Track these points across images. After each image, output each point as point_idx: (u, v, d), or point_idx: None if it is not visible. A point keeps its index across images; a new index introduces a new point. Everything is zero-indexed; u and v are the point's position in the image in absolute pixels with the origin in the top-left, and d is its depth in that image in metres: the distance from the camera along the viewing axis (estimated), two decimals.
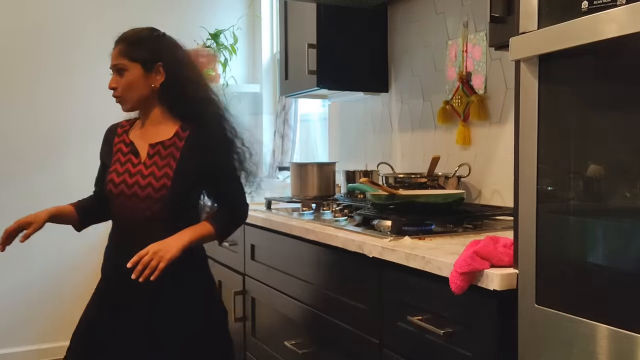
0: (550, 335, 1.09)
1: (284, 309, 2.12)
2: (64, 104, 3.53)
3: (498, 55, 2.10)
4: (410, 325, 1.44)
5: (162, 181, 1.76)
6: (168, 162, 1.78)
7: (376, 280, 1.57)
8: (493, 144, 2.16)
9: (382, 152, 2.78)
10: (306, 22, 2.66)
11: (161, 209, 1.76)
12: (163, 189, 1.75)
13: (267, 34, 4.05)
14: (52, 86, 3.50)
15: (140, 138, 1.84)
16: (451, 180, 2.19)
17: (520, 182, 1.15)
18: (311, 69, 2.57)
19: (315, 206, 2.28)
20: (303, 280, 1.97)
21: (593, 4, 1.00)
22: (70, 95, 3.54)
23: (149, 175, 1.77)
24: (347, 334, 1.71)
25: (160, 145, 1.80)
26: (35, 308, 3.45)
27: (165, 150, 1.79)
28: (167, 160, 1.78)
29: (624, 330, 0.96)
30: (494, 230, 1.72)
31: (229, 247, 2.60)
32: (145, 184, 1.76)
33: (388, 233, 1.63)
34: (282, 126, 3.64)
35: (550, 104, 1.09)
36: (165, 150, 1.79)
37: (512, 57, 1.13)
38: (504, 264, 1.21)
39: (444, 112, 2.34)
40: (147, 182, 1.76)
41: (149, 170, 1.78)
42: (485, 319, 1.24)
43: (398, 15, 2.65)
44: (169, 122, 1.83)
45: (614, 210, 1.01)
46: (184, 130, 1.81)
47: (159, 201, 1.76)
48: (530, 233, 1.13)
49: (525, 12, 1.13)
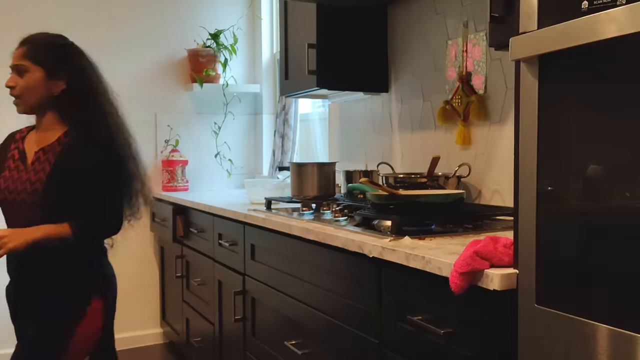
0: (550, 335, 1.09)
1: (284, 309, 2.12)
2: None
3: (498, 55, 2.10)
4: (410, 325, 1.44)
5: (35, 186, 1.79)
6: (44, 167, 1.81)
7: (376, 280, 1.57)
8: (493, 144, 2.16)
9: (382, 152, 2.78)
10: (306, 22, 2.66)
11: (36, 216, 1.78)
12: (34, 194, 1.79)
13: (267, 34, 4.05)
14: None
15: (33, 144, 1.87)
16: (451, 180, 2.19)
17: (520, 182, 1.15)
18: (311, 69, 2.57)
19: (315, 206, 2.27)
20: (303, 280, 1.97)
21: (593, 4, 1.00)
22: None
23: (26, 180, 1.81)
24: (347, 334, 1.71)
25: (41, 150, 1.84)
26: None
27: (44, 155, 1.83)
28: (44, 165, 1.82)
29: (624, 330, 0.96)
30: (494, 230, 1.72)
31: (228, 247, 2.60)
32: (22, 189, 1.80)
33: (388, 233, 1.63)
34: (282, 126, 3.64)
35: (550, 104, 1.09)
36: (44, 155, 1.83)
37: (512, 57, 1.13)
38: (504, 264, 1.21)
39: (444, 112, 2.34)
40: (23, 188, 1.80)
41: (28, 176, 1.81)
42: (485, 319, 1.24)
43: (398, 15, 2.65)
44: (58, 128, 1.86)
45: (614, 210, 1.01)
46: (65, 136, 1.85)
47: (32, 206, 1.79)
48: (530, 233, 1.13)
49: (525, 12, 1.13)
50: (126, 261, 3.48)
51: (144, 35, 3.79)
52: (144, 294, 3.89)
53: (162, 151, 3.84)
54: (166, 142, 3.86)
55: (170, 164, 3.77)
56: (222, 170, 4.02)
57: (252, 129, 4.13)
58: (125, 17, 3.74)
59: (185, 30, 3.89)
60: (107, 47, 3.66)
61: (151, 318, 3.91)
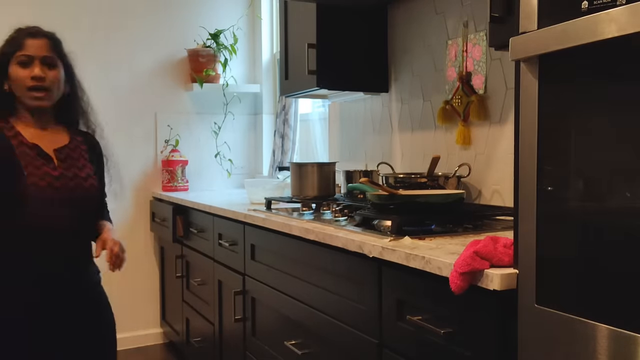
0: (550, 335, 1.09)
1: (284, 309, 2.12)
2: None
3: (498, 55, 2.10)
4: (410, 325, 1.44)
5: (89, 181, 1.79)
6: (84, 164, 1.82)
7: (376, 280, 1.57)
8: (493, 144, 2.16)
9: (382, 152, 2.78)
10: (306, 22, 2.66)
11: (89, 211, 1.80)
12: (92, 188, 1.80)
13: (267, 34, 4.05)
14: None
15: (40, 140, 1.76)
16: (451, 180, 2.19)
17: (520, 182, 1.15)
18: (311, 69, 2.57)
19: (315, 206, 2.27)
20: (303, 280, 1.97)
21: (593, 4, 1.00)
22: None
23: (73, 177, 1.76)
24: (347, 334, 1.71)
25: (66, 148, 1.80)
26: None
27: (74, 153, 1.81)
28: (82, 162, 1.82)
29: (624, 330, 0.96)
30: (494, 230, 1.72)
31: (228, 247, 2.60)
32: (73, 186, 1.75)
33: (388, 233, 1.63)
34: (282, 126, 3.64)
35: (550, 104, 1.09)
36: (73, 152, 1.81)
37: (512, 57, 1.13)
38: (504, 264, 1.21)
39: (444, 112, 2.34)
40: (74, 184, 1.76)
41: (72, 172, 1.77)
42: (485, 319, 1.24)
43: (398, 15, 2.65)
44: (58, 128, 1.84)
45: (614, 210, 1.01)
46: (77, 136, 1.86)
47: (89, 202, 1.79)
48: (530, 233, 1.13)
49: (525, 12, 1.13)
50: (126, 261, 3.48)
51: (144, 35, 3.79)
52: (144, 294, 3.89)
53: (162, 151, 3.84)
54: (166, 142, 3.86)
55: (170, 164, 3.77)
56: (222, 170, 4.02)
57: (252, 129, 4.13)
58: (126, 17, 3.74)
59: (186, 30, 3.89)
60: (107, 47, 3.66)
61: (151, 318, 3.91)
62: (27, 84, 1.70)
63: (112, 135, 2.03)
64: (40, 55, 1.72)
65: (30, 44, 1.72)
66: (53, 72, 1.74)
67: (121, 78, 3.73)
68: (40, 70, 1.71)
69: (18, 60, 1.71)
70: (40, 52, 1.72)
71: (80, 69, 1.89)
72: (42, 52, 1.72)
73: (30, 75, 1.70)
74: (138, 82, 3.79)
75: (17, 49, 1.72)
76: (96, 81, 3.23)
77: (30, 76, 1.70)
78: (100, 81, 3.57)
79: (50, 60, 1.74)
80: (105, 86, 3.62)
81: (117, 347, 1.95)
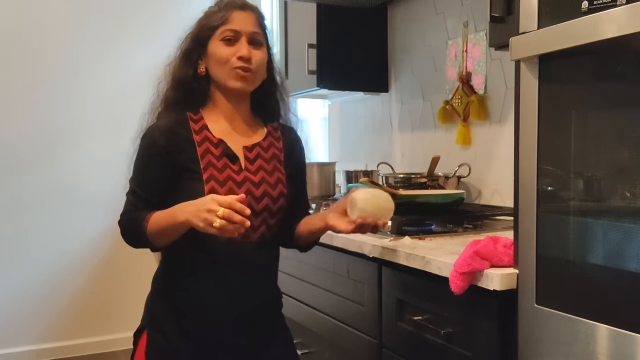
0: (550, 335, 1.09)
1: (284, 309, 2.12)
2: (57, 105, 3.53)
3: (498, 55, 2.10)
4: (410, 325, 1.44)
5: (278, 189, 1.46)
6: (275, 166, 1.48)
7: (376, 280, 1.57)
8: (493, 144, 2.16)
9: (382, 152, 2.78)
10: (306, 22, 2.66)
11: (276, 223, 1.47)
12: (280, 197, 1.46)
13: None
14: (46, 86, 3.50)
15: (228, 136, 1.46)
16: (451, 180, 2.19)
17: (520, 182, 1.15)
18: (311, 69, 2.57)
19: (315, 206, 2.27)
20: (303, 280, 1.97)
21: (593, 4, 1.00)
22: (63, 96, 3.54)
23: (261, 182, 1.44)
24: (347, 334, 1.71)
25: (258, 147, 1.48)
26: (35, 308, 3.45)
27: (266, 153, 1.48)
28: (274, 163, 1.49)
29: (624, 330, 0.96)
30: (494, 230, 1.72)
31: None
32: (262, 194, 1.43)
33: (388, 233, 1.63)
34: None
35: (550, 104, 1.09)
36: (265, 152, 1.48)
37: (512, 57, 1.13)
38: (504, 264, 1.21)
39: (444, 112, 2.34)
40: (263, 191, 1.43)
41: (259, 177, 1.44)
42: (485, 319, 1.24)
43: (398, 15, 2.65)
44: (253, 121, 1.52)
45: (614, 210, 1.01)
46: (275, 130, 1.54)
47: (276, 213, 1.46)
48: (530, 233, 1.13)
49: (525, 12, 1.13)
50: (127, 261, 3.48)
51: (145, 35, 3.78)
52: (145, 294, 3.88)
53: None
54: None
55: None
56: None
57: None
58: (126, 18, 3.73)
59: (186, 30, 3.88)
60: (108, 48, 3.66)
61: None
62: (233, 64, 1.42)
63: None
64: (249, 32, 1.44)
65: (237, 18, 1.44)
66: (259, 53, 1.45)
67: (122, 78, 3.72)
68: (247, 49, 1.43)
69: (223, 36, 1.44)
70: (248, 28, 1.44)
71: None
72: (249, 27, 1.44)
73: (235, 54, 1.42)
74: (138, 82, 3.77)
75: (221, 23, 1.46)
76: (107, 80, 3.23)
77: (237, 56, 1.42)
78: (100, 81, 3.57)
79: (257, 39, 1.45)
80: (97, 87, 3.63)
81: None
